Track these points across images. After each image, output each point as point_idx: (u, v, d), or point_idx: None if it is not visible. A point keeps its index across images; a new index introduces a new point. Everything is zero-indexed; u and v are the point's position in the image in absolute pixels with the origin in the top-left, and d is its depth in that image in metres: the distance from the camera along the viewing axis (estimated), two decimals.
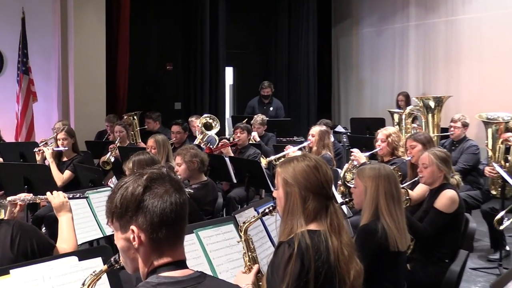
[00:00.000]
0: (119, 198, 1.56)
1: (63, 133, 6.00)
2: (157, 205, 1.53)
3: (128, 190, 1.56)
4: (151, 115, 8.67)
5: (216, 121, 7.81)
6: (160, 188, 1.56)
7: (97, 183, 5.16)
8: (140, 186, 1.55)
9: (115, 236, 1.62)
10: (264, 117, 8.23)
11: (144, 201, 1.54)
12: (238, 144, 6.95)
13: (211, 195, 4.71)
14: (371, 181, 3.06)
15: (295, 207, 2.19)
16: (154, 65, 10.73)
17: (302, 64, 11.88)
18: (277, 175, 2.28)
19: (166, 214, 1.53)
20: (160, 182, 1.57)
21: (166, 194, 1.55)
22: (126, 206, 1.54)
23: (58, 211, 3.09)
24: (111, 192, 1.61)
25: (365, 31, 11.78)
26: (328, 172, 2.26)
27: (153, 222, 1.53)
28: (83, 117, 8.64)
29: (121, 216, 1.56)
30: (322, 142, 6.00)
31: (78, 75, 8.66)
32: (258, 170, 5.72)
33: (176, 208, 1.55)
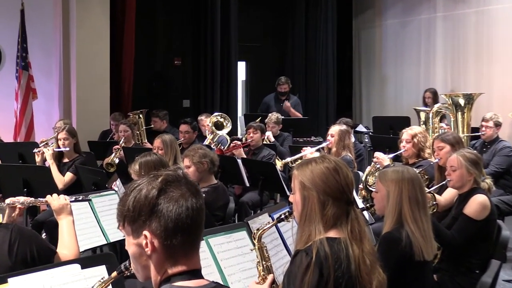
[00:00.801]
0: (132, 201, 1.57)
1: (65, 132, 6.04)
2: (172, 209, 1.54)
3: (141, 192, 1.57)
4: (158, 114, 8.71)
5: (228, 120, 7.82)
6: (176, 192, 1.56)
7: (100, 186, 5.19)
8: (154, 189, 1.56)
9: (126, 241, 1.63)
10: (279, 115, 8.23)
11: (158, 205, 1.54)
12: (251, 144, 6.96)
13: (222, 199, 4.72)
14: (394, 185, 3.05)
15: (313, 212, 2.19)
16: (162, 60, 10.77)
17: (321, 58, 11.86)
18: (294, 178, 2.29)
19: (181, 220, 1.54)
20: (176, 185, 1.58)
21: (182, 198, 1.56)
22: (139, 210, 1.55)
23: (58, 214, 3.12)
24: (123, 194, 1.62)
25: (388, 23, 11.73)
26: (348, 175, 2.26)
27: (167, 228, 1.53)
28: (85, 115, 8.68)
29: (134, 220, 1.57)
30: (342, 142, 5.99)
31: (81, 71, 8.70)
32: (272, 173, 5.72)
33: (192, 214, 1.56)
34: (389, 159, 5.22)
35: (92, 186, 5.28)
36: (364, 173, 5.29)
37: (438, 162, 4.68)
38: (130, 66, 9.43)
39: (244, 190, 6.58)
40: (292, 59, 11.93)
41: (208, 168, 4.68)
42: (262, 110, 9.77)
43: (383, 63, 11.86)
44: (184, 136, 7.34)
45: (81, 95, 8.71)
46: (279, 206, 3.54)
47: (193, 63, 10.85)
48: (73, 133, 6.13)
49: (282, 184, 5.68)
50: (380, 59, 11.91)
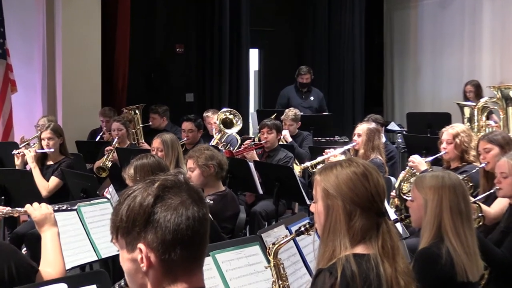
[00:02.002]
0: (125, 210, 1.58)
1: (49, 131, 6.08)
2: (170, 219, 1.55)
3: (136, 200, 1.58)
4: (157, 109, 8.73)
5: (238, 117, 7.83)
6: (174, 199, 1.57)
7: (90, 193, 5.21)
8: (150, 196, 1.57)
9: (121, 256, 1.64)
10: (298, 111, 8.22)
11: (154, 213, 1.56)
12: (265, 146, 6.96)
13: (230, 209, 4.72)
14: (433, 193, 3.04)
15: (338, 224, 2.19)
16: (161, 47, 10.80)
17: (346, 45, 11.84)
18: (316, 185, 2.28)
19: (181, 231, 1.55)
20: (175, 191, 1.59)
21: (182, 206, 1.57)
22: (134, 220, 1.57)
23: (41, 226, 3.12)
24: (117, 203, 1.64)
25: (425, 3, 11.68)
26: (379, 181, 2.25)
27: (165, 240, 1.54)
28: (73, 111, 8.71)
29: (128, 231, 1.58)
30: (370, 143, 5.97)
31: (67, 60, 8.73)
32: (290, 178, 5.72)
33: (193, 224, 1.57)
34: (426, 163, 5.19)
35: (80, 193, 5.30)
36: (397, 179, 5.27)
37: (484, 167, 4.65)
38: (124, 53, 9.46)
39: (257, 199, 6.58)
40: (313, 46, 11.92)
41: (215, 173, 4.69)
42: (281, 104, 9.76)
43: (419, 51, 11.81)
44: (187, 136, 7.36)
45: (68, 88, 8.74)
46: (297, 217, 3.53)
47: (198, 51, 10.88)
48: (59, 131, 6.17)
49: (301, 192, 5.67)
50: (416, 45, 11.86)
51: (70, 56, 8.76)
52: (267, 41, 11.89)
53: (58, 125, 6.64)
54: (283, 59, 11.75)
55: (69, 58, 8.75)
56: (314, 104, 9.80)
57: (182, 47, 10.91)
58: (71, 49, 8.76)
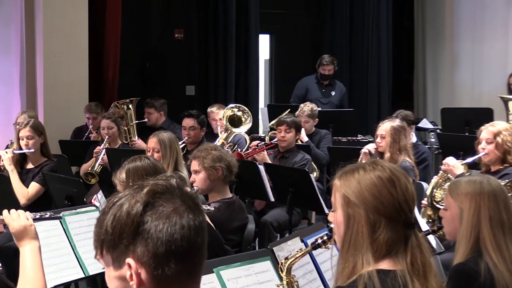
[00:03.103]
0: (111, 220, 1.59)
1: (28, 128, 6.08)
2: (162, 229, 1.56)
3: (122, 208, 1.59)
4: (153, 104, 8.73)
5: (247, 113, 7.81)
6: (166, 206, 1.58)
7: (76, 201, 5.23)
8: (139, 203, 1.58)
9: (106, 274, 1.65)
10: (315, 106, 8.21)
11: (144, 223, 1.56)
12: (281, 146, 6.93)
13: (238, 218, 4.73)
14: (470, 201, 3.04)
15: (360, 237, 2.19)
16: (158, 33, 10.81)
17: (371, 31, 11.82)
18: (335, 191, 2.29)
19: (175, 242, 1.56)
20: (167, 197, 1.60)
21: (175, 214, 1.58)
22: (120, 231, 1.57)
23: (19, 238, 3.11)
24: (101, 213, 1.64)
25: None
26: (408, 187, 2.25)
27: (157, 253, 1.55)
28: (56, 106, 8.70)
29: (114, 245, 1.59)
30: (396, 144, 5.97)
31: (50, 47, 8.70)
32: (306, 184, 5.72)
33: (189, 234, 1.58)
34: (463, 166, 5.18)
35: (65, 201, 5.32)
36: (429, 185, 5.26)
37: None
38: (115, 39, 9.46)
39: (268, 207, 6.59)
40: (332, 31, 11.89)
41: (223, 176, 4.69)
42: (297, 97, 9.73)
43: (456, 37, 11.76)
44: (188, 134, 7.37)
45: (50, 79, 8.71)
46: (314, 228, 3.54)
47: (200, 37, 10.87)
48: (40, 129, 6.17)
49: (318, 199, 5.68)
50: (452, 31, 11.82)
51: (52, 43, 8.71)
52: (279, 26, 11.87)
53: (39, 122, 6.61)
54: (297, 47, 11.74)
55: (52, 45, 8.70)
56: (334, 101, 9.78)
57: (182, 32, 10.90)
58: (53, 35, 8.71)
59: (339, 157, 6.33)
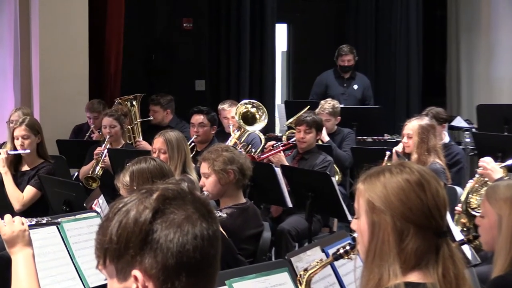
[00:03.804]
0: (116, 228, 1.59)
1: (23, 127, 6.08)
2: (173, 238, 1.56)
3: (129, 215, 1.59)
4: (159, 100, 8.74)
5: (262, 110, 7.80)
6: (178, 213, 1.59)
7: (75, 206, 5.24)
8: (147, 210, 1.58)
9: (109, 286, 1.65)
10: (337, 103, 8.18)
11: (153, 232, 1.57)
12: (300, 147, 6.92)
13: (252, 225, 4.73)
14: (510, 207, 3.03)
15: (386, 246, 2.19)
16: (164, 22, 10.83)
17: (399, 19, 11.79)
18: (358, 196, 2.29)
19: (186, 253, 1.56)
20: (179, 203, 1.61)
21: (187, 223, 1.58)
22: (127, 241, 1.58)
23: (11, 245, 3.11)
24: (104, 219, 1.64)
25: None
26: (439, 191, 2.24)
27: (167, 265, 1.55)
28: (53, 102, 8.71)
29: (119, 255, 1.59)
30: (425, 145, 5.96)
31: (46, 37, 8.70)
32: (327, 188, 5.72)
33: (202, 244, 1.58)
34: (502, 169, 5.16)
35: (63, 206, 5.33)
36: (464, 190, 5.24)
37: None
38: (118, 30, 9.47)
39: (285, 213, 6.59)
40: (356, 20, 11.89)
41: (236, 180, 4.69)
42: (316, 94, 9.73)
43: (493, 27, 11.70)
44: (197, 131, 7.37)
45: (47, 73, 8.71)
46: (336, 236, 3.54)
47: (210, 26, 10.89)
48: (36, 128, 6.18)
49: (340, 205, 5.68)
50: (488, 20, 11.76)
51: (49, 33, 8.71)
52: (298, 14, 11.87)
53: (35, 119, 6.62)
54: (318, 37, 11.73)
55: (48, 36, 8.70)
56: (357, 94, 9.76)
57: (191, 21, 10.90)
58: (50, 24, 8.71)
59: (364, 159, 6.30)
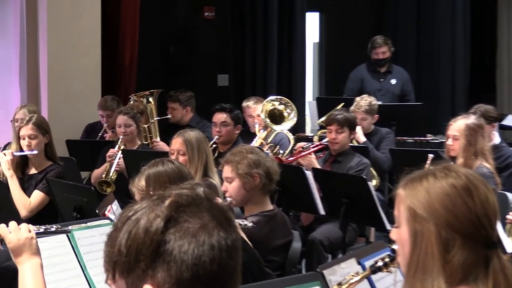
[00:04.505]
0: (125, 239, 1.60)
1: (30, 126, 6.10)
2: (188, 249, 1.56)
3: (139, 224, 1.60)
4: (178, 97, 8.75)
5: (291, 107, 7.80)
6: (193, 221, 1.59)
7: (86, 213, 5.26)
8: (159, 218, 1.59)
9: None
10: (374, 100, 8.16)
11: (166, 243, 1.57)
12: (332, 148, 6.91)
13: (280, 235, 4.73)
14: None
15: (430, 258, 2.18)
16: (184, 11, 10.84)
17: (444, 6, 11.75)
18: (398, 203, 2.28)
19: (203, 266, 1.56)
20: (193, 210, 1.61)
21: (203, 232, 1.58)
22: (137, 252, 1.58)
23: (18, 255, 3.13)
24: (113, 229, 1.65)
25: None
26: (489, 198, 2.23)
27: (181, 279, 1.56)
28: (62, 99, 8.73)
29: (129, 268, 1.60)
30: (472, 147, 5.93)
31: (55, 28, 8.73)
32: (363, 194, 5.72)
33: (220, 256, 1.58)
34: None
35: (73, 213, 5.37)
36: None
37: None
38: (133, 20, 9.50)
39: (317, 221, 6.59)
40: (396, 8, 11.85)
41: (262, 185, 4.68)
42: (352, 90, 9.69)
43: None
44: (219, 131, 7.38)
45: (56, 67, 8.74)
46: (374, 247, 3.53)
47: (234, 16, 10.89)
48: (44, 127, 6.20)
49: (378, 212, 5.67)
50: None
51: (58, 23, 8.73)
52: (331, 2, 11.86)
53: (43, 117, 6.63)
54: (354, 26, 11.70)
55: (57, 26, 8.73)
56: (396, 90, 9.72)
57: (213, 10, 10.91)
58: (59, 13, 8.74)
59: (404, 161, 6.29)
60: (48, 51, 8.75)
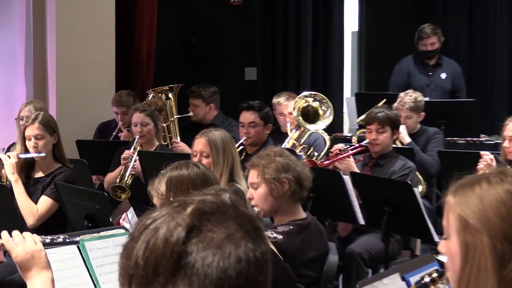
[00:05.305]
0: (143, 250, 1.61)
1: (37, 125, 6.13)
2: (212, 262, 1.56)
3: (158, 234, 1.60)
4: (201, 92, 8.76)
5: (327, 104, 7.80)
6: (217, 231, 1.59)
7: (99, 221, 5.29)
8: (180, 227, 1.59)
9: None
10: (420, 96, 8.13)
11: (188, 254, 1.57)
12: (372, 150, 6.90)
13: (314, 247, 4.73)
14: None
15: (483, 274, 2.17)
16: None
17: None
18: (447, 211, 2.27)
19: (229, 280, 1.56)
20: (218, 219, 1.61)
21: (229, 243, 1.59)
22: (156, 265, 1.59)
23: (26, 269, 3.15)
24: (129, 239, 1.66)
25: None
26: None
27: None
28: (72, 95, 8.78)
29: (147, 283, 1.60)
30: None
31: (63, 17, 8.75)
32: (408, 201, 5.71)
33: (247, 269, 1.58)
34: None
35: (84, 221, 5.39)
36: None
37: None
38: (151, 7, 9.54)
39: (356, 232, 6.58)
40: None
41: (291, 192, 4.68)
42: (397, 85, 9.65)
43: None
44: (247, 133, 7.40)
45: (65, 59, 8.80)
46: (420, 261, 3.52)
47: (263, 1, 10.90)
48: (52, 126, 6.23)
49: (425, 222, 5.65)
50: None
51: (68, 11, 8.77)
52: None
53: (50, 115, 6.68)
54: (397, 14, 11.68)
55: (67, 14, 8.77)
56: (446, 85, 9.67)
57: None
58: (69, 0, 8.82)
59: (454, 165, 6.27)
60: (56, 42, 8.78)
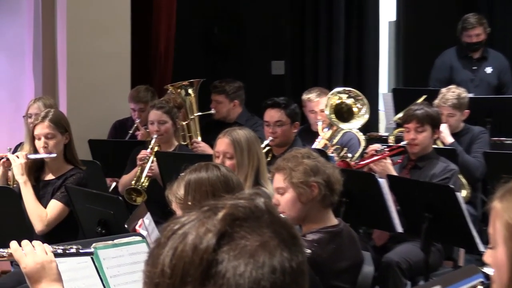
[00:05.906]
0: (170, 257, 1.62)
1: (47, 123, 6.16)
2: (244, 272, 1.57)
3: (187, 240, 1.61)
4: (224, 88, 8.78)
5: (362, 101, 7.80)
6: (251, 239, 1.60)
7: (113, 227, 5.31)
8: (210, 233, 1.60)
9: None
10: (463, 92, 8.10)
11: (218, 263, 1.58)
12: (410, 151, 6.88)
13: (347, 256, 4.72)
14: None
15: None
16: None
17: None
18: (494, 218, 2.27)
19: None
20: (252, 225, 1.62)
21: (263, 252, 1.59)
22: (183, 273, 1.60)
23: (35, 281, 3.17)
24: (155, 245, 1.67)
25: None
26: None
27: None
28: (84, 91, 8.81)
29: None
30: None
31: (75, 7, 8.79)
32: (451, 207, 5.70)
33: (282, 280, 1.59)
34: None
35: (97, 227, 5.41)
36: None
37: None
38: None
39: (393, 240, 6.58)
40: None
41: (321, 197, 4.67)
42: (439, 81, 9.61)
43: None
44: (273, 132, 7.38)
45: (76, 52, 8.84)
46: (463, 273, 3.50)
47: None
48: (62, 124, 6.25)
49: (469, 230, 5.64)
50: None
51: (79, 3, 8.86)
52: None
53: (61, 113, 6.72)
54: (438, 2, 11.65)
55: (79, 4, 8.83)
56: (492, 80, 9.65)
57: None
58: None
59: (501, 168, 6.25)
60: (67, 33, 8.82)
